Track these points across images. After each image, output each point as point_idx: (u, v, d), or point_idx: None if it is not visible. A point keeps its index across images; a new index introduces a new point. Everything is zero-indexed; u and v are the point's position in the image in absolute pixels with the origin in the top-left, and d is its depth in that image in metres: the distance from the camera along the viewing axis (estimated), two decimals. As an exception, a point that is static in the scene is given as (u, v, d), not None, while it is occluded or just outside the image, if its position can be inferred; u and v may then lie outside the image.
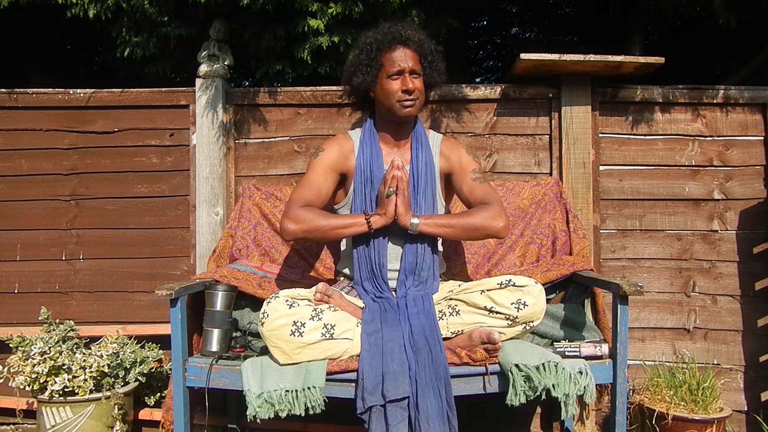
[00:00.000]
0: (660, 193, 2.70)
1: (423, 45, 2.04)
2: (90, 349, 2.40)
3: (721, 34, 3.25)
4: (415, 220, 1.92)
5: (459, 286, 1.97)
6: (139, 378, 2.38)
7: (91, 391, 2.27)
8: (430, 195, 2.06)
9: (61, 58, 3.80)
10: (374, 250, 1.99)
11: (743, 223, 2.68)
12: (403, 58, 1.99)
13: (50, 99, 2.78)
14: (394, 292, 2.00)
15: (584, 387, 1.74)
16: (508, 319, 1.83)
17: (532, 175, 2.70)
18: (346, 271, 2.13)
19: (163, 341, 2.57)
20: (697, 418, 2.21)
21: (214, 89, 2.70)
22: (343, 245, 2.18)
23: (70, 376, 2.25)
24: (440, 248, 2.17)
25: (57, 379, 2.23)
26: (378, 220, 1.94)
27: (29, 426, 2.63)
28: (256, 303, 2.09)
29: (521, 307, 1.81)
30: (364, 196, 2.04)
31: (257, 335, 2.02)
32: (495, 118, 2.73)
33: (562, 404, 1.71)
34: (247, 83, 3.88)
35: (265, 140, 2.76)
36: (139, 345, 2.50)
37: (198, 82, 2.71)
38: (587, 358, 1.87)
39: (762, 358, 2.65)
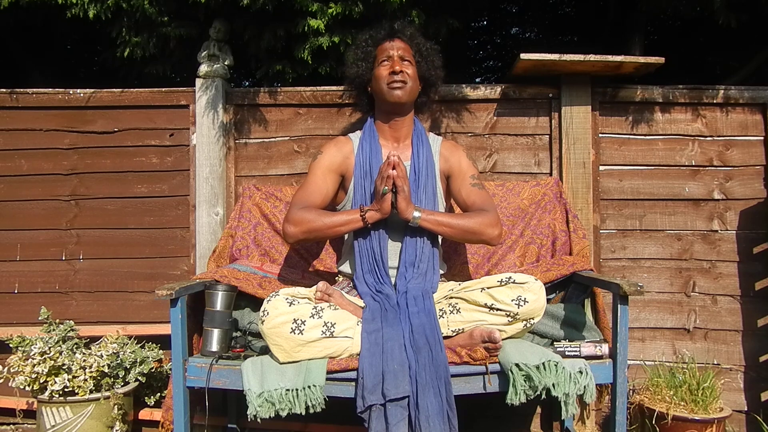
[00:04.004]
0: (660, 193, 2.70)
1: (415, 38, 2.17)
2: (90, 349, 2.40)
3: (721, 34, 3.25)
4: (417, 213, 1.95)
5: (459, 285, 1.98)
6: (139, 378, 2.38)
7: (91, 391, 2.26)
8: (430, 190, 2.10)
9: (61, 58, 3.80)
10: (375, 243, 2.02)
11: (743, 223, 2.68)
12: (392, 46, 2.11)
13: (50, 99, 2.78)
14: (394, 287, 2.01)
15: (584, 387, 1.74)
16: (508, 315, 1.83)
17: (532, 175, 2.71)
18: (347, 270, 2.14)
19: (163, 341, 2.57)
20: (697, 418, 2.21)
21: (214, 89, 2.70)
22: (345, 239, 2.18)
23: (70, 376, 2.25)
24: (440, 243, 2.17)
25: (57, 379, 2.23)
26: (373, 215, 1.96)
27: (29, 426, 2.63)
28: (256, 303, 2.09)
29: (521, 303, 1.82)
30: (363, 190, 2.08)
31: (257, 335, 2.02)
32: (495, 118, 2.73)
33: (562, 404, 1.72)
34: (247, 83, 3.88)
35: (265, 140, 2.76)
36: (139, 345, 2.50)
37: (198, 82, 2.71)
38: (587, 357, 1.87)
39: (762, 358, 2.65)
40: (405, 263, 2.01)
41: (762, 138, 2.69)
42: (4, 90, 2.79)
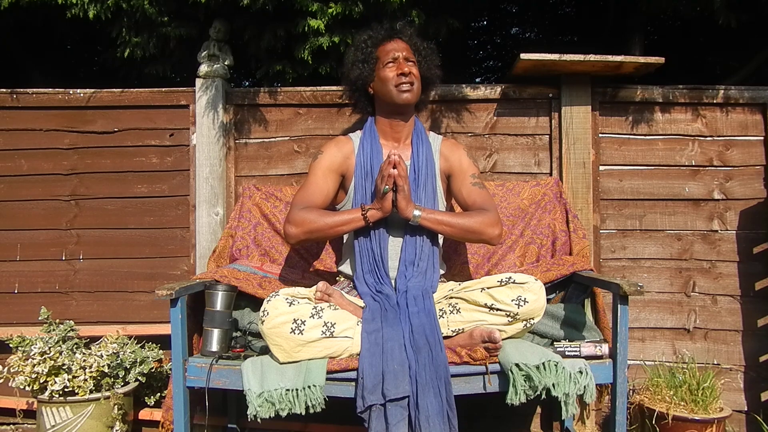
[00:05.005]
0: (660, 193, 2.70)
1: (414, 38, 2.17)
2: (90, 349, 2.40)
3: (721, 34, 3.25)
4: (417, 212, 1.95)
5: (459, 285, 1.98)
6: (139, 378, 2.38)
7: (91, 391, 2.27)
8: (430, 189, 2.10)
9: (61, 58, 3.79)
10: (375, 242, 2.02)
11: (743, 223, 2.68)
12: (396, 47, 2.11)
13: (50, 99, 2.78)
14: (394, 287, 2.01)
15: (584, 387, 1.74)
16: (508, 316, 1.83)
17: (532, 175, 2.71)
18: (347, 270, 2.14)
19: (163, 341, 2.56)
20: (697, 418, 2.21)
21: (214, 89, 2.70)
22: (344, 239, 2.19)
23: (70, 376, 2.25)
24: (440, 242, 2.17)
25: (57, 379, 2.23)
26: (375, 214, 1.96)
27: (29, 426, 2.63)
28: (256, 303, 2.09)
29: (521, 303, 1.82)
30: (364, 190, 2.08)
31: (257, 335, 2.02)
32: (495, 118, 2.73)
33: (562, 404, 1.72)
34: (247, 83, 3.88)
35: (265, 140, 2.76)
36: (139, 345, 2.50)
37: (198, 82, 2.71)
38: (587, 357, 1.87)
39: (762, 358, 2.65)
40: (405, 262, 2.01)
41: (762, 138, 2.69)
42: (4, 90, 2.79)
